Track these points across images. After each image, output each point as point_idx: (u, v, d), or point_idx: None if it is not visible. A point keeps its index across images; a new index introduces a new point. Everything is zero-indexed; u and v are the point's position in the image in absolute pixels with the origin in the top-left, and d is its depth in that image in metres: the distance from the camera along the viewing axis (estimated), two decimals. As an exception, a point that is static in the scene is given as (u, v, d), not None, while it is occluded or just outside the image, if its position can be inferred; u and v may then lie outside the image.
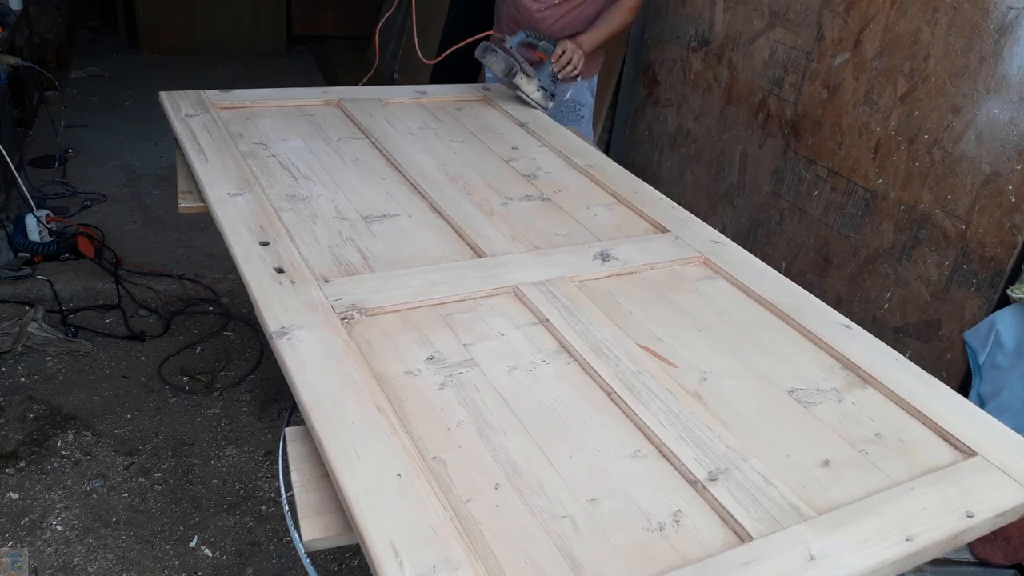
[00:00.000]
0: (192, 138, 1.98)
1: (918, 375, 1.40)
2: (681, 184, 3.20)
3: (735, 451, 1.18)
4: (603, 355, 1.36)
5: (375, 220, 1.75)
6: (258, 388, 2.66)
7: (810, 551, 1.02)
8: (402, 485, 1.04)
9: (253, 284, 1.43)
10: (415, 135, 2.22)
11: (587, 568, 0.98)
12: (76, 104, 4.66)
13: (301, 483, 1.12)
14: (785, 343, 1.47)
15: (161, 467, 2.30)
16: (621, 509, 1.07)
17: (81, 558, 2.00)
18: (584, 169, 2.12)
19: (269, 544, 2.11)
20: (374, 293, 1.46)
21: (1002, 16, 1.99)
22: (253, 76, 5.40)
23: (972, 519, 1.11)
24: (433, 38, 4.90)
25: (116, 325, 2.89)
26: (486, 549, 0.98)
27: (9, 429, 2.37)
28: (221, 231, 1.62)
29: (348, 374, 1.23)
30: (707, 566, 0.99)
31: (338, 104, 2.38)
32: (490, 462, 1.12)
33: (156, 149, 4.23)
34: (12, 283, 2.96)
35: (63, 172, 3.84)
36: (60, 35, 4.87)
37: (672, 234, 1.81)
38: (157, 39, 5.69)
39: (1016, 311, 2.06)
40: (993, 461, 1.21)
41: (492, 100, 2.55)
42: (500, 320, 1.45)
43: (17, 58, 3.61)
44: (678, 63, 3.11)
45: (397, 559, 0.94)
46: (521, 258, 1.65)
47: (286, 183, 1.86)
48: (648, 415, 1.23)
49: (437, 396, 1.24)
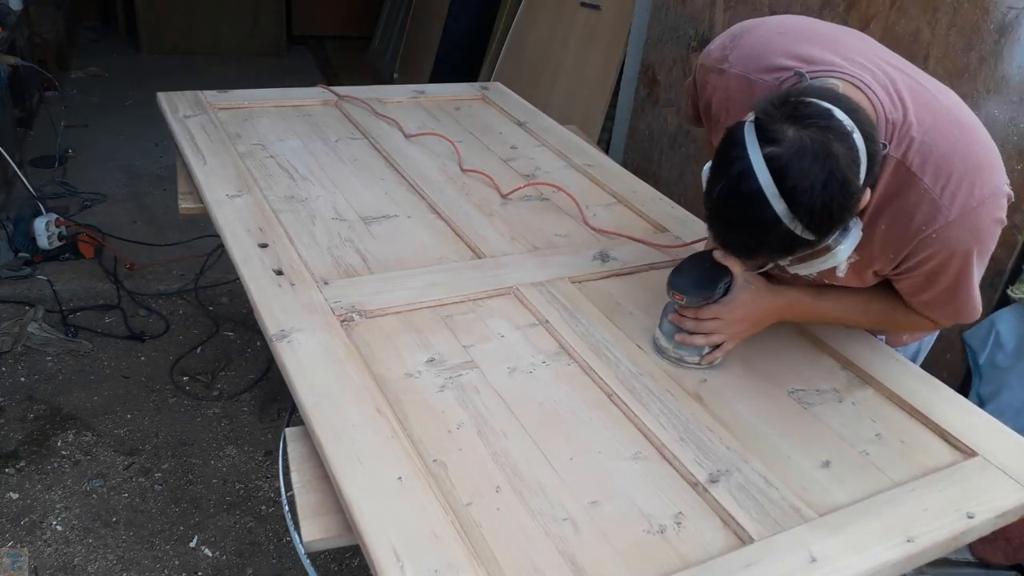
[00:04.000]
0: (190, 139, 1.98)
1: (918, 375, 1.40)
2: (681, 184, 3.19)
3: (736, 452, 1.18)
4: (603, 356, 1.36)
5: (374, 221, 1.75)
6: (258, 388, 2.66)
7: (811, 553, 1.02)
8: (403, 488, 1.04)
9: (252, 286, 1.43)
10: (414, 135, 2.22)
11: (588, 570, 0.98)
12: (76, 104, 4.66)
13: (301, 483, 1.12)
14: (785, 344, 1.47)
15: (161, 467, 2.30)
16: (622, 511, 1.07)
17: (81, 558, 2.00)
18: (583, 169, 2.12)
19: (269, 544, 2.11)
20: (373, 295, 1.46)
21: (1002, 16, 1.99)
22: (253, 76, 5.39)
23: (973, 520, 1.11)
24: (433, 38, 4.90)
25: (116, 325, 2.89)
26: (487, 552, 0.98)
27: (9, 429, 2.37)
28: (220, 233, 1.62)
29: (348, 376, 1.23)
30: (708, 568, 0.99)
31: (336, 104, 2.38)
32: (491, 464, 1.12)
33: (156, 149, 4.23)
34: (12, 283, 2.96)
35: (63, 172, 3.84)
36: (60, 35, 4.86)
37: (672, 234, 1.81)
38: (157, 39, 5.68)
39: (1016, 311, 2.06)
40: (993, 462, 1.21)
41: (490, 99, 2.55)
42: (500, 321, 1.45)
43: (17, 58, 3.61)
44: (678, 63, 3.10)
45: (399, 563, 0.94)
46: (520, 259, 1.64)
47: (285, 184, 1.86)
48: (648, 416, 1.23)
49: (437, 398, 1.24)
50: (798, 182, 0.99)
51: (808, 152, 1.00)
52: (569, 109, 3.63)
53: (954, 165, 1.13)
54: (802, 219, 1.01)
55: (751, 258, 1.14)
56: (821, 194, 0.99)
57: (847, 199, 1.02)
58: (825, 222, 1.03)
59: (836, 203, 1.01)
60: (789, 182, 1.00)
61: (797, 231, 1.02)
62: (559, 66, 3.77)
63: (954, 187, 1.12)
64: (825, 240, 1.07)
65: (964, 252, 1.17)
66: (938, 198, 1.13)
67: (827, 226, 1.04)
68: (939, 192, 1.13)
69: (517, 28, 4.09)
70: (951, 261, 1.17)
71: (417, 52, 5.15)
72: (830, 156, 0.99)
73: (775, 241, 1.05)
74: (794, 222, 1.01)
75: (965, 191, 1.13)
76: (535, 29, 3.97)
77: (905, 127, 1.14)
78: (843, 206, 1.02)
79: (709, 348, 1.36)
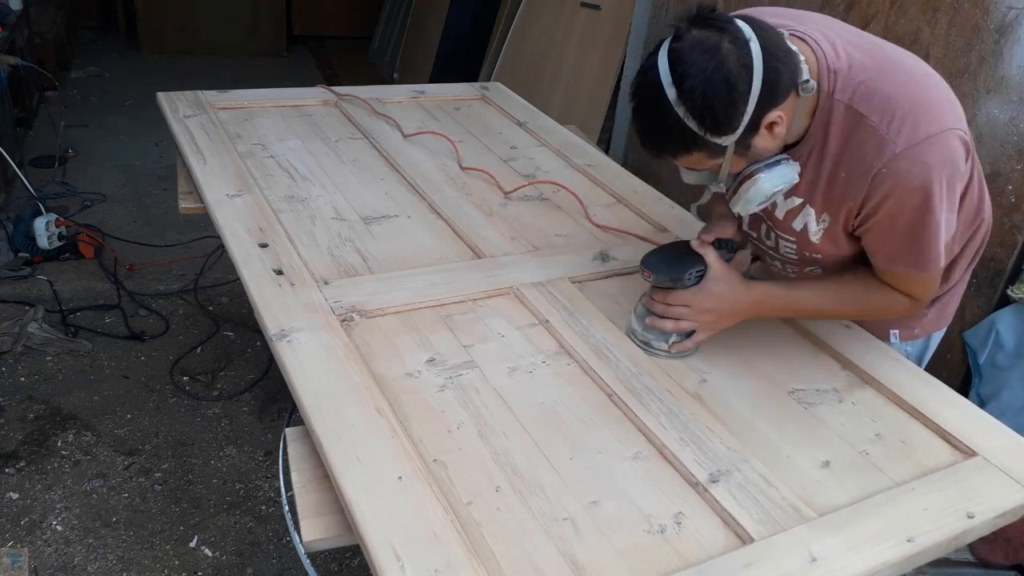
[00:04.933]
0: (190, 139, 1.98)
1: (918, 375, 1.40)
2: (681, 184, 3.19)
3: (736, 452, 1.18)
4: (603, 356, 1.36)
5: (374, 221, 1.75)
6: (258, 388, 2.66)
7: (811, 552, 1.02)
8: (403, 488, 1.04)
9: (252, 286, 1.43)
10: (413, 135, 2.22)
11: (588, 570, 0.98)
12: (76, 104, 4.66)
13: (301, 483, 1.12)
14: (785, 344, 1.47)
15: (161, 467, 2.30)
16: (622, 511, 1.07)
17: (81, 558, 2.00)
18: (583, 169, 2.11)
19: (269, 544, 2.11)
20: (373, 295, 1.46)
21: (1002, 16, 1.99)
22: (253, 76, 5.39)
23: (973, 520, 1.11)
24: (433, 38, 4.90)
25: (116, 325, 2.89)
26: (487, 552, 0.98)
27: (9, 429, 2.37)
28: (220, 233, 1.62)
29: (348, 376, 1.23)
30: (708, 568, 0.99)
31: (336, 104, 2.38)
32: (491, 464, 1.12)
33: (156, 149, 4.23)
34: (12, 283, 2.96)
35: (63, 172, 3.84)
36: (60, 35, 4.86)
37: (672, 234, 1.81)
38: (157, 39, 5.68)
39: (1016, 311, 2.06)
40: (993, 461, 1.21)
41: (490, 99, 2.55)
42: (500, 321, 1.45)
43: (17, 58, 3.60)
44: (678, 62, 3.11)
45: (399, 563, 0.94)
46: (520, 259, 1.64)
47: (285, 184, 1.86)
48: (649, 416, 1.23)
49: (437, 398, 1.24)
50: (685, 69, 1.11)
51: (700, 47, 1.11)
52: (569, 109, 3.63)
53: (898, 104, 1.18)
54: (688, 106, 1.11)
55: (659, 153, 1.22)
56: (703, 84, 1.10)
57: (731, 95, 1.11)
58: (709, 114, 1.12)
59: (718, 96, 1.11)
60: (679, 69, 1.11)
61: (687, 121, 1.12)
62: (559, 66, 3.77)
63: (899, 123, 1.17)
64: (724, 136, 1.14)
65: (918, 188, 1.19)
66: (884, 133, 1.18)
67: (712, 119, 1.12)
68: (885, 127, 1.18)
69: (517, 28, 4.09)
70: (906, 199, 1.20)
71: (417, 52, 5.15)
72: (718, 52, 1.10)
73: (673, 131, 1.15)
74: (681, 107, 1.12)
75: (910, 126, 1.17)
76: (535, 29, 3.97)
77: (851, 74, 1.21)
78: (726, 102, 1.11)
79: (679, 337, 1.38)
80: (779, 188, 1.24)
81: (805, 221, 1.34)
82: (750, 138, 1.17)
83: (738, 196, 1.26)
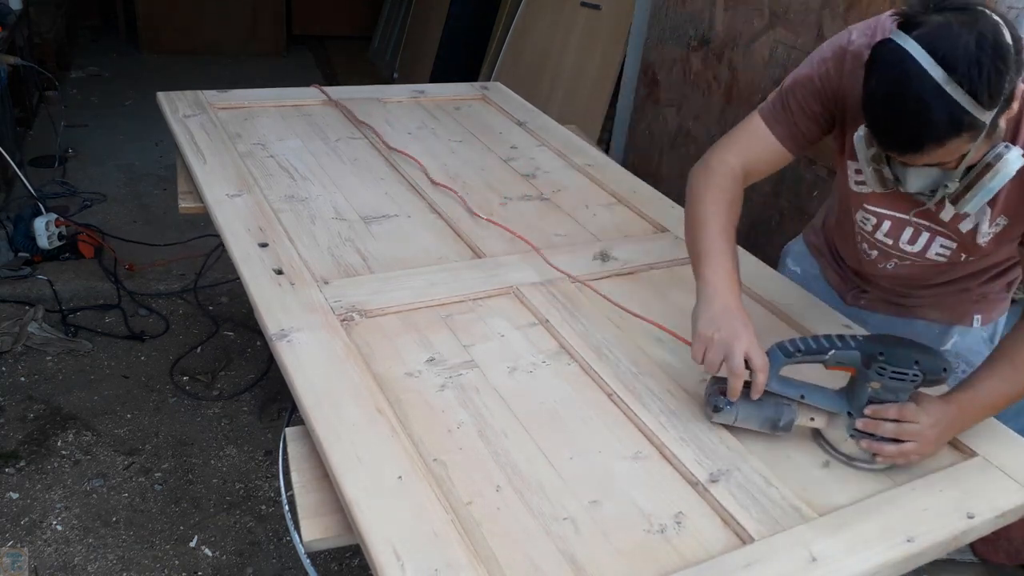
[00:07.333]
0: (190, 139, 1.98)
1: (919, 375, 1.40)
2: (681, 184, 3.20)
3: (736, 452, 1.18)
4: (603, 356, 1.36)
5: (374, 221, 1.75)
6: (258, 388, 2.66)
7: (811, 552, 1.02)
8: (403, 488, 1.04)
9: (252, 286, 1.43)
10: (413, 135, 2.22)
11: (589, 570, 0.98)
12: (76, 104, 4.65)
13: (301, 483, 1.12)
14: (785, 344, 1.47)
15: (161, 467, 2.30)
16: (622, 511, 1.07)
17: (81, 558, 2.00)
18: (583, 169, 2.12)
19: (269, 544, 2.11)
20: (374, 294, 1.46)
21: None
22: (253, 76, 5.38)
23: (973, 520, 1.11)
24: (433, 38, 4.90)
25: (116, 325, 2.89)
26: (488, 552, 0.98)
27: (9, 429, 2.36)
28: (220, 232, 1.62)
29: (348, 376, 1.23)
30: (709, 568, 0.99)
31: (336, 104, 2.38)
32: (491, 464, 1.12)
33: (156, 149, 4.23)
34: (12, 283, 2.96)
35: (63, 172, 3.83)
36: (60, 35, 4.86)
37: (672, 234, 1.81)
38: (157, 39, 5.68)
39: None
40: (993, 461, 1.21)
41: (490, 99, 2.55)
42: (500, 321, 1.45)
43: (17, 58, 3.60)
44: (678, 63, 3.10)
45: (399, 562, 0.94)
46: (520, 259, 1.64)
47: (285, 184, 1.86)
48: (649, 416, 1.23)
49: (437, 398, 1.24)
50: (949, 50, 1.02)
51: (954, 25, 1.02)
52: (569, 109, 3.63)
53: None
54: (961, 82, 1.02)
55: (922, 146, 1.09)
56: (975, 52, 1.01)
57: (1001, 61, 1.02)
58: (983, 83, 1.02)
59: (990, 62, 1.01)
60: (940, 51, 1.02)
61: (958, 98, 1.02)
62: (559, 66, 3.77)
63: None
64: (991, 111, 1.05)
65: None
66: None
67: (987, 89, 1.03)
68: None
69: (517, 28, 4.09)
70: None
71: (417, 52, 5.15)
72: (976, 24, 1.02)
73: (941, 118, 1.04)
74: (952, 85, 1.02)
75: None
76: (535, 29, 3.97)
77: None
78: (998, 69, 1.02)
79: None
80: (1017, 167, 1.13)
81: (976, 222, 1.28)
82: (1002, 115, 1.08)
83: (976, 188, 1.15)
